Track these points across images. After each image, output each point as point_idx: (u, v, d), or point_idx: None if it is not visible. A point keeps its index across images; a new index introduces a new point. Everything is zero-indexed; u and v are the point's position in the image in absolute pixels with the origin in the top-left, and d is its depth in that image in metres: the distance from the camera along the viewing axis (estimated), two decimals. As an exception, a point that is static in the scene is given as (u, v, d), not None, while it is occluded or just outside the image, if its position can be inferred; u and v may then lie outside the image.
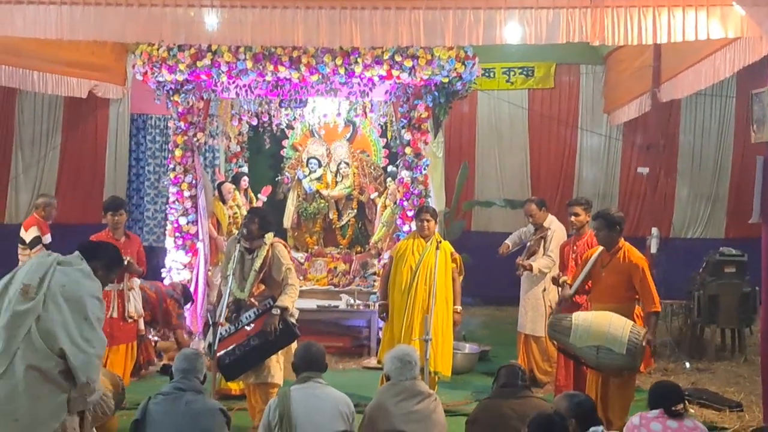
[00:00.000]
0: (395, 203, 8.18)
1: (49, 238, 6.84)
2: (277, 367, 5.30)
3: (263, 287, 5.47)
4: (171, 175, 7.93)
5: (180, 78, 7.54)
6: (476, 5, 5.23)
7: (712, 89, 9.09)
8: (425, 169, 7.79)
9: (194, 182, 7.87)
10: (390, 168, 9.20)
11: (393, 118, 8.40)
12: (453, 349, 6.08)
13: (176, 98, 7.79)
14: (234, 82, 7.59)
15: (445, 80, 7.48)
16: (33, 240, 6.71)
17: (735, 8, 4.90)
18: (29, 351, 3.45)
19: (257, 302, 5.33)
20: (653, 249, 7.99)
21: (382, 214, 8.82)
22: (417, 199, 7.70)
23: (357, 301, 7.94)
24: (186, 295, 7.37)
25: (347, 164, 9.47)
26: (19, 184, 10.14)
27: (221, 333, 5.08)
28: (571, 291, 5.47)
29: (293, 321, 5.36)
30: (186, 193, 7.84)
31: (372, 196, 9.37)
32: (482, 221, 10.81)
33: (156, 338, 7.29)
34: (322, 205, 9.50)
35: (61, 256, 3.73)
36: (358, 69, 7.30)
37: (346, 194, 9.49)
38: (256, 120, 8.99)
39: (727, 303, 7.79)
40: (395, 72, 7.32)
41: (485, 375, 6.90)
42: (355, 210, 9.58)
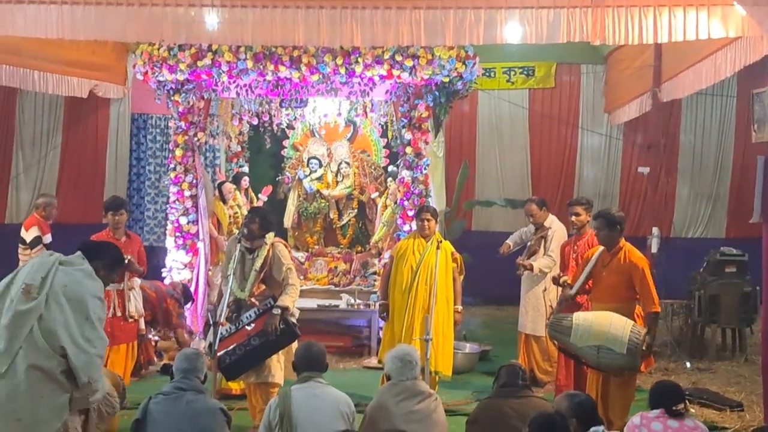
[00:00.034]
0: (396, 203, 8.18)
1: (50, 238, 6.83)
2: (278, 367, 5.29)
3: (264, 287, 5.47)
4: (171, 175, 7.92)
5: (180, 78, 7.54)
6: (477, 5, 5.22)
7: (713, 89, 9.08)
8: (426, 169, 7.78)
9: (195, 182, 7.86)
10: (390, 168, 9.20)
11: (393, 118, 8.40)
12: (453, 349, 6.09)
13: (177, 98, 7.79)
14: (234, 82, 7.59)
15: (446, 80, 7.47)
16: (33, 240, 6.71)
17: (736, 8, 4.89)
18: (31, 350, 3.45)
19: (258, 302, 5.33)
20: (654, 249, 7.99)
21: (383, 214, 8.83)
22: (417, 199, 7.69)
23: (357, 301, 7.93)
24: (186, 295, 7.37)
25: (348, 164, 9.47)
26: (20, 184, 10.13)
27: (222, 333, 5.09)
28: (572, 291, 5.47)
29: (294, 321, 5.35)
30: (186, 193, 7.83)
31: (372, 196, 9.37)
32: (483, 221, 10.81)
33: (156, 338, 7.29)
34: (323, 205, 9.50)
35: (63, 256, 3.74)
36: (359, 69, 7.30)
37: (347, 194, 9.49)
38: (257, 120, 9.00)
39: (728, 303, 7.79)
40: (396, 71, 7.31)
41: (486, 375, 6.90)
42: (356, 210, 9.58)
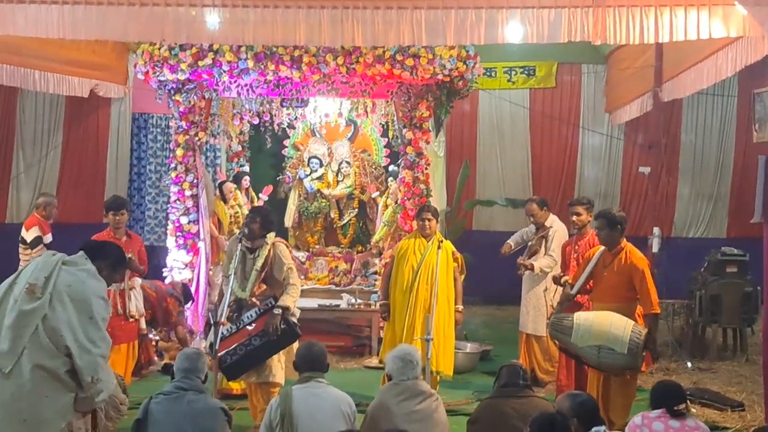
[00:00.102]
0: (396, 203, 8.18)
1: (50, 238, 6.84)
2: (279, 367, 5.29)
3: (265, 287, 5.47)
4: (172, 175, 7.92)
5: (181, 77, 7.54)
6: (478, 5, 5.21)
7: (714, 89, 9.08)
8: (426, 169, 7.78)
9: (195, 181, 7.86)
10: (391, 167, 9.21)
11: (394, 118, 8.39)
12: (454, 349, 6.09)
13: (178, 97, 7.78)
14: (235, 82, 7.58)
15: (447, 79, 7.47)
16: (34, 240, 6.71)
17: (737, 7, 4.88)
18: (36, 350, 3.45)
19: (259, 302, 5.33)
20: (655, 248, 8.00)
21: (384, 214, 8.83)
22: (418, 199, 7.69)
23: (358, 301, 7.93)
24: (186, 294, 7.36)
25: (348, 164, 9.47)
26: (21, 184, 10.13)
27: (223, 332, 5.08)
28: (573, 291, 5.47)
29: (295, 320, 5.35)
30: (187, 193, 7.83)
31: (373, 196, 9.38)
32: (483, 220, 10.81)
33: (157, 338, 7.29)
34: (324, 205, 9.50)
35: (66, 256, 3.73)
36: (360, 68, 7.30)
37: (348, 193, 9.49)
38: (258, 119, 8.98)
39: (729, 302, 7.78)
40: (397, 71, 7.31)
41: (487, 374, 6.89)
42: (357, 209, 9.58)
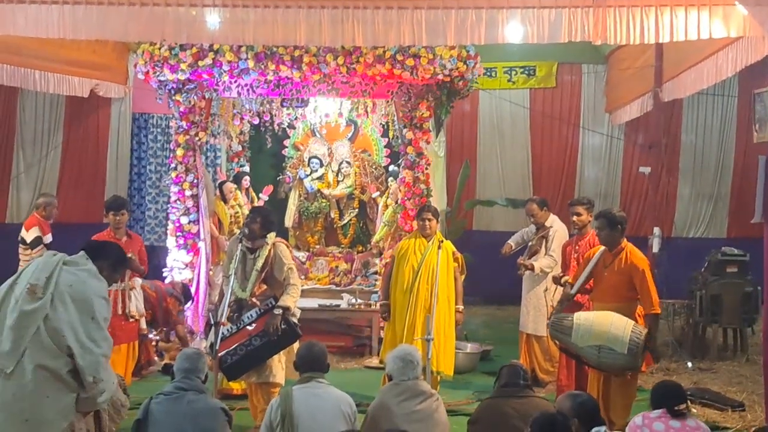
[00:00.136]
0: (397, 203, 8.18)
1: (50, 238, 6.84)
2: (279, 367, 5.29)
3: (265, 287, 5.46)
4: (172, 175, 7.92)
5: (182, 77, 7.54)
6: (478, 5, 5.21)
7: (714, 89, 9.07)
8: (427, 169, 7.78)
9: (196, 181, 7.86)
10: (391, 167, 9.21)
11: (394, 118, 8.39)
12: (455, 349, 6.08)
13: (178, 97, 7.78)
14: (236, 82, 7.59)
15: (447, 79, 7.47)
16: (34, 240, 6.71)
17: (737, 7, 4.88)
18: (38, 350, 3.45)
19: (259, 302, 5.33)
20: (655, 248, 8.00)
21: (384, 214, 8.83)
22: (418, 199, 7.69)
23: (358, 301, 7.93)
24: (186, 294, 7.37)
25: (349, 164, 9.47)
26: (21, 184, 10.14)
27: (223, 332, 5.08)
28: (573, 290, 5.46)
29: (295, 321, 5.35)
30: (187, 193, 7.83)
31: (373, 196, 9.38)
32: (484, 220, 10.81)
33: (157, 338, 7.29)
34: (324, 205, 9.50)
35: (67, 256, 3.73)
36: (360, 68, 7.30)
37: (348, 193, 9.49)
38: (258, 119, 8.99)
39: (729, 302, 7.78)
40: (397, 71, 7.31)
41: (487, 374, 6.89)
42: (357, 209, 9.59)
